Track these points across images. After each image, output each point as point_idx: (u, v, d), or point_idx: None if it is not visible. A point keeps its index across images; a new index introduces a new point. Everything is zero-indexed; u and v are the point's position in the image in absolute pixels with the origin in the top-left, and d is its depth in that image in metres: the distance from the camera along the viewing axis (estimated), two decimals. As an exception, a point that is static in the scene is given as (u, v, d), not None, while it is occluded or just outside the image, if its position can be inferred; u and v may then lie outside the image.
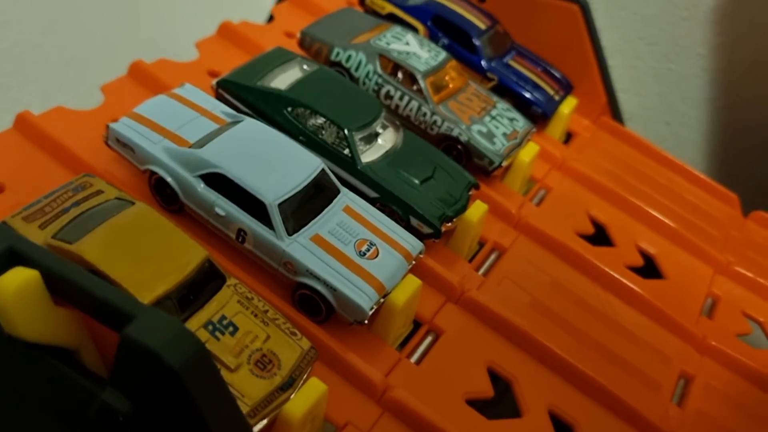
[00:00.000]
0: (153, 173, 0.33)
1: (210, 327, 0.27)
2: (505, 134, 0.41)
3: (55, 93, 0.39)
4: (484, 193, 0.40)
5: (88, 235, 0.27)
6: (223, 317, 0.27)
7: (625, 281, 0.40)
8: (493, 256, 0.39)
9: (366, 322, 0.30)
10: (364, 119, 0.37)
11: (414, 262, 0.33)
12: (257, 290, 0.31)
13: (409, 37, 0.43)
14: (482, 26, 0.47)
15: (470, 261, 0.38)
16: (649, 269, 0.43)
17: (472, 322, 0.35)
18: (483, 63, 0.46)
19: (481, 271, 0.38)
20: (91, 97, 0.39)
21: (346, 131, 0.36)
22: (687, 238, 0.44)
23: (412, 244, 0.33)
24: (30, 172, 0.34)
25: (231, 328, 0.27)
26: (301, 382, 0.27)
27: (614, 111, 0.51)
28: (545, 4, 0.49)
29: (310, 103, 0.36)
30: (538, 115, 0.46)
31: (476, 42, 0.46)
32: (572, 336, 0.36)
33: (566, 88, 0.48)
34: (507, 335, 0.35)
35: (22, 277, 0.23)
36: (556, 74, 0.48)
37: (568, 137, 0.50)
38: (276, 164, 0.32)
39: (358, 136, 0.36)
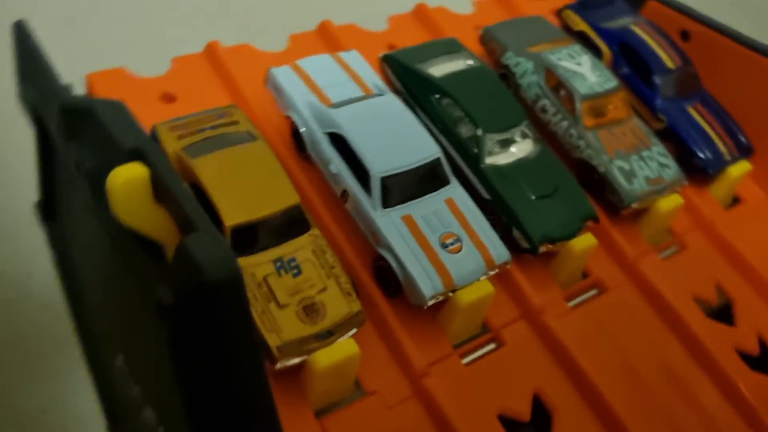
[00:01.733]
0: (292, 120, 0.36)
1: (278, 263, 0.30)
2: (647, 177, 0.40)
3: (249, 35, 0.43)
4: (606, 228, 0.40)
5: (208, 155, 0.31)
6: (293, 259, 0.30)
7: (727, 366, 0.37)
8: (591, 293, 0.38)
9: (425, 307, 0.32)
10: (502, 124, 0.38)
11: (496, 270, 0.34)
12: (345, 249, 0.34)
13: (585, 58, 0.43)
14: (669, 65, 0.45)
15: (565, 289, 0.38)
16: (764, 363, 0.39)
17: (538, 345, 0.35)
18: (657, 102, 0.44)
19: (572, 302, 0.37)
20: (277, 43, 0.43)
21: (480, 131, 0.37)
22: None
23: (499, 252, 0.34)
24: (200, 91, 0.39)
25: (295, 271, 0.30)
26: (339, 338, 0.30)
27: (797, 190, 0.46)
28: (755, 60, 0.45)
29: (457, 95, 0.38)
30: (699, 169, 0.43)
31: (656, 79, 0.44)
32: (637, 395, 0.35)
33: (744, 150, 0.45)
34: (567, 370, 0.34)
35: (135, 171, 0.28)
36: (738, 134, 0.45)
37: (735, 202, 0.46)
38: (396, 141, 0.34)
39: (490, 137, 0.37)
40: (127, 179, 0.28)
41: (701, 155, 0.43)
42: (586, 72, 0.42)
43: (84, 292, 0.45)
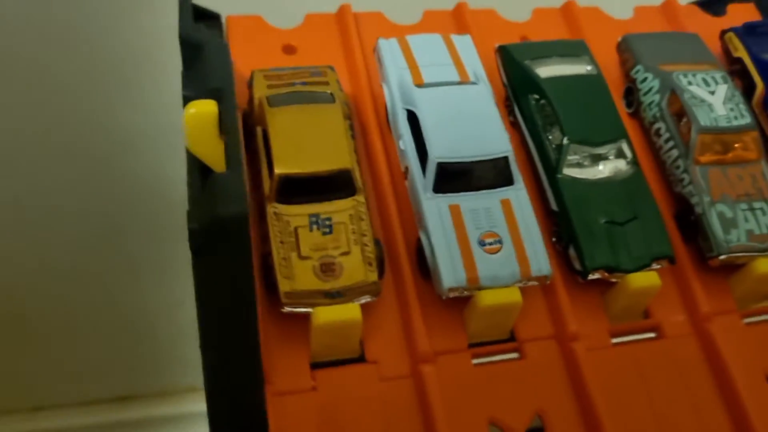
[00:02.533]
0: (385, 92, 0.38)
1: (313, 218, 0.32)
2: (750, 231, 0.36)
3: (388, 4, 0.45)
4: (687, 275, 0.37)
5: (284, 107, 0.34)
6: (328, 219, 0.32)
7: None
8: (644, 335, 0.36)
9: (444, 298, 0.32)
10: (593, 139, 0.36)
11: (533, 282, 0.33)
12: (393, 223, 0.35)
13: (722, 87, 0.39)
14: (831, 115, 0.40)
15: (615, 323, 0.36)
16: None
17: (560, 370, 0.34)
18: (802, 153, 0.39)
19: (617, 339, 0.35)
20: (412, 17, 0.45)
21: (565, 139, 0.36)
22: None
23: (540, 265, 0.33)
24: (319, 48, 0.41)
25: (327, 230, 0.32)
26: (347, 301, 0.31)
27: None
28: None
29: (554, 100, 0.37)
30: (830, 239, 0.38)
31: (807, 128, 0.39)
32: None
33: None
34: (582, 406, 0.33)
35: (207, 107, 0.31)
36: None
37: None
38: (468, 131, 0.35)
39: (574, 148, 0.36)
40: (198, 113, 0.31)
41: (835, 223, 0.38)
42: (716, 103, 0.38)
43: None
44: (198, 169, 0.32)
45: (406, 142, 0.35)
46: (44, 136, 0.62)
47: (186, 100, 0.33)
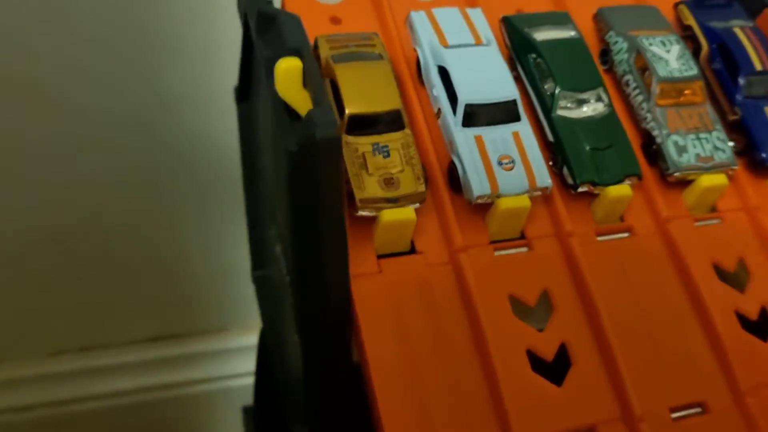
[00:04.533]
0: (417, 53, 0.48)
1: (375, 146, 0.43)
2: (698, 155, 0.48)
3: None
4: (651, 189, 0.48)
5: (346, 63, 0.44)
6: (386, 146, 0.43)
7: (721, 320, 0.45)
8: (621, 235, 0.47)
9: (473, 203, 0.43)
10: (578, 86, 0.47)
11: (538, 192, 0.44)
12: (430, 151, 0.45)
13: (675, 47, 0.50)
14: (758, 67, 0.51)
15: (600, 225, 0.47)
16: (759, 329, 0.46)
17: (560, 259, 0.45)
18: (737, 97, 0.51)
19: (602, 237, 0.47)
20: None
21: (557, 89, 0.47)
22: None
23: (543, 179, 0.44)
24: (361, 19, 0.51)
25: (385, 154, 0.43)
26: (404, 206, 0.42)
27: None
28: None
29: (548, 57, 0.48)
30: (758, 162, 0.50)
31: (740, 78, 0.51)
32: (636, 332, 0.44)
33: (810, 155, 0.51)
34: (577, 284, 0.44)
35: (293, 63, 0.41)
36: (809, 140, 0.51)
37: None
38: (486, 81, 0.45)
39: (564, 94, 0.47)
40: (287, 67, 0.41)
41: (761, 149, 0.50)
42: (671, 59, 0.50)
43: (256, 157, 0.60)
44: (285, 110, 0.42)
45: (438, 89, 0.46)
46: (94, 98, 0.72)
47: (268, 61, 0.43)
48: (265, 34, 0.46)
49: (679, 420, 0.42)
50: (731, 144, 0.49)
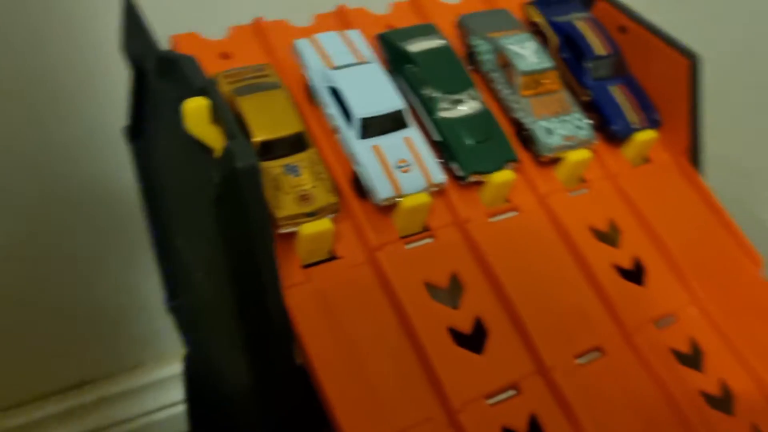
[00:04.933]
0: (306, 77, 0.53)
1: (286, 167, 0.47)
2: (563, 135, 0.55)
3: (286, 12, 0.60)
4: (528, 170, 0.55)
5: (247, 95, 0.48)
6: (295, 166, 0.47)
7: (601, 273, 0.52)
8: (509, 214, 0.54)
9: (380, 205, 0.48)
10: (452, 89, 0.53)
11: (435, 188, 0.50)
12: (334, 166, 0.50)
13: (529, 44, 0.58)
14: (600, 52, 0.59)
15: (490, 208, 0.53)
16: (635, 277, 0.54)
17: (462, 243, 0.51)
18: (586, 80, 0.59)
19: (493, 218, 0.53)
20: (306, 21, 0.59)
21: (437, 92, 0.53)
22: (682, 268, 0.54)
23: (436, 175, 0.50)
24: (248, 52, 0.55)
25: (296, 173, 0.47)
26: (321, 218, 0.46)
27: (693, 156, 0.60)
28: (661, 48, 0.59)
29: (423, 66, 0.53)
30: (612, 134, 0.58)
31: (587, 63, 0.59)
32: (533, 289, 0.50)
33: (652, 123, 0.59)
34: (480, 263, 0.50)
35: (200, 102, 0.44)
36: (650, 110, 0.59)
37: (645, 162, 0.61)
38: (373, 94, 0.50)
39: (443, 98, 0.53)
40: (195, 106, 0.44)
41: (613, 123, 0.58)
42: (528, 54, 0.57)
43: (157, 192, 0.62)
44: (200, 147, 0.45)
45: (332, 108, 0.50)
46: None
47: (174, 102, 0.46)
48: (167, 77, 0.48)
49: (584, 365, 0.49)
50: (589, 122, 0.57)
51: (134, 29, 0.53)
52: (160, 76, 0.49)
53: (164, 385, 0.96)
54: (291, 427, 0.45)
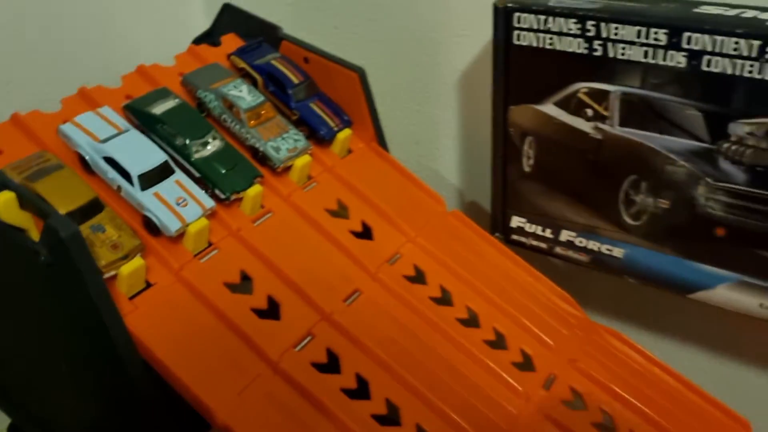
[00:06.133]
0: (80, 154, 0.64)
1: (93, 227, 0.59)
2: (287, 149, 0.73)
3: (37, 102, 0.70)
4: (273, 181, 0.72)
5: (40, 179, 0.59)
6: (100, 224, 0.59)
7: (338, 235, 0.72)
8: (267, 216, 0.71)
9: (172, 237, 0.62)
10: (199, 134, 0.69)
11: (208, 212, 0.65)
12: (126, 216, 0.63)
13: (243, 87, 0.75)
14: (296, 81, 0.78)
15: (251, 215, 0.70)
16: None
17: (241, 248, 0.67)
18: (291, 104, 0.78)
19: (256, 223, 0.70)
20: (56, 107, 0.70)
21: (187, 140, 0.68)
22: (395, 219, 0.76)
23: (207, 202, 0.65)
24: (17, 145, 0.65)
25: (103, 230, 0.59)
26: (132, 258, 0.59)
27: (380, 140, 0.83)
28: (336, 68, 0.80)
29: (170, 123, 0.68)
30: (320, 138, 0.78)
31: (289, 91, 0.78)
32: (297, 259, 0.68)
33: (346, 123, 0.80)
34: (261, 258, 0.67)
35: (6, 195, 0.55)
36: (342, 114, 0.80)
37: (349, 153, 0.82)
38: (141, 154, 0.64)
39: (192, 143, 0.68)
40: (3, 200, 0.55)
41: (319, 130, 0.78)
42: (245, 95, 0.74)
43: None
44: (16, 230, 0.56)
45: (112, 173, 0.63)
46: None
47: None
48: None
49: (351, 304, 0.68)
50: (302, 134, 0.76)
51: None
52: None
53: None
54: None
